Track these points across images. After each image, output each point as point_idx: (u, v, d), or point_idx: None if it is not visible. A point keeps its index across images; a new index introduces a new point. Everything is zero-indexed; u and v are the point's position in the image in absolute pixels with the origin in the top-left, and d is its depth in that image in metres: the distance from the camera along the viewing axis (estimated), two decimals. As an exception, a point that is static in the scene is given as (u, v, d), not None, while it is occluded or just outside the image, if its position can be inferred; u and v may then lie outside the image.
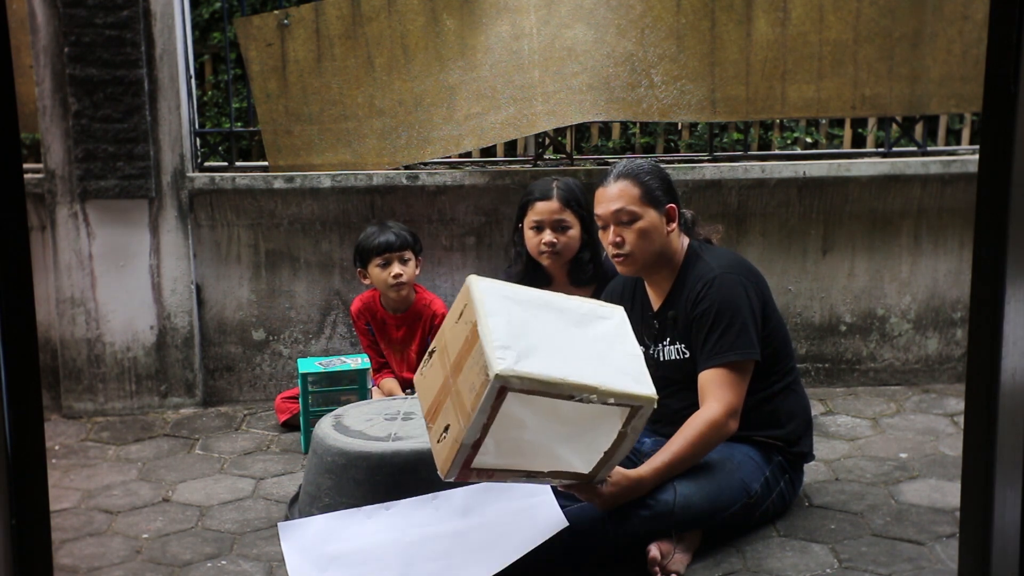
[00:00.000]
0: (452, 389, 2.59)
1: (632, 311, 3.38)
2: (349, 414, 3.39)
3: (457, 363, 2.59)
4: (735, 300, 3.12)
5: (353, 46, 4.28)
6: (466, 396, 2.53)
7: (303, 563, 2.99)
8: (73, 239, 4.26)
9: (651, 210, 3.19)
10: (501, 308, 2.58)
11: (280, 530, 3.13)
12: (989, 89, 1.76)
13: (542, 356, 2.53)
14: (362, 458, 3.12)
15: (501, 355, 2.46)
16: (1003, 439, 1.79)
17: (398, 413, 3.36)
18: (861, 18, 4.27)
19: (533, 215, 3.92)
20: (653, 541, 2.93)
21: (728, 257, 3.27)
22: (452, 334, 2.65)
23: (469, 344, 2.54)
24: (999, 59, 1.74)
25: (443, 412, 2.62)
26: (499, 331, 2.51)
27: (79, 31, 4.09)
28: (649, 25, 4.21)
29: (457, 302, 2.67)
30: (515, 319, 2.58)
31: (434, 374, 2.69)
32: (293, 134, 4.33)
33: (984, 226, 1.81)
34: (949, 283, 4.51)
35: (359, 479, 3.11)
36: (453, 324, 2.65)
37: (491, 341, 2.48)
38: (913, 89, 4.34)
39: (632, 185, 3.19)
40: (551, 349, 2.58)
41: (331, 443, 3.18)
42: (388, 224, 4.15)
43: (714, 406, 3.05)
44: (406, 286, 4.12)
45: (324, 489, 3.17)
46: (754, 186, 4.39)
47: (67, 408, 4.35)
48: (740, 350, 3.09)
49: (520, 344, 2.52)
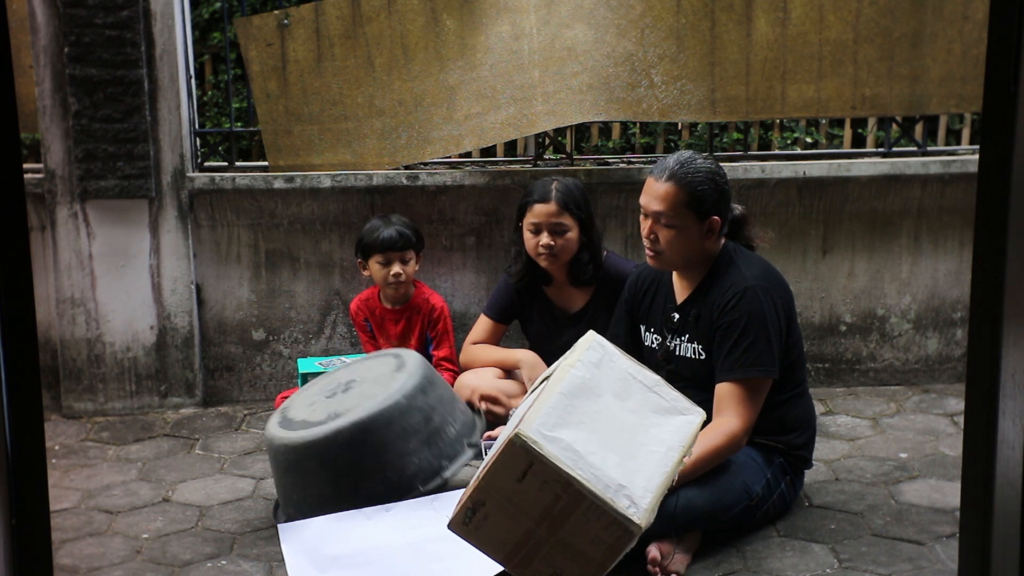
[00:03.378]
0: (549, 540, 2.61)
1: (655, 299, 3.38)
2: (295, 403, 3.35)
3: (547, 519, 2.59)
4: (764, 315, 3.10)
5: (353, 46, 4.28)
6: (588, 549, 2.59)
7: (303, 564, 2.99)
8: (73, 239, 4.26)
9: (692, 218, 3.12)
10: (574, 452, 2.59)
11: (280, 531, 3.13)
12: (989, 89, 1.76)
13: (637, 476, 2.64)
14: (308, 448, 3.08)
15: (631, 510, 2.57)
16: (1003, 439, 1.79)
17: (339, 386, 3.31)
18: (861, 18, 4.27)
19: (531, 217, 3.92)
20: (653, 542, 2.93)
21: (761, 266, 3.23)
22: (517, 492, 2.58)
23: (566, 503, 2.56)
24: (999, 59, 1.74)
25: (540, 561, 2.64)
26: (600, 482, 2.56)
27: (79, 31, 4.09)
28: (649, 25, 4.21)
29: (504, 460, 2.58)
30: (590, 444, 2.62)
31: (496, 527, 2.64)
32: (293, 134, 4.33)
33: (984, 226, 1.81)
34: (949, 283, 4.51)
35: (313, 469, 3.08)
36: (514, 483, 2.58)
37: (606, 500, 2.55)
38: (913, 89, 4.34)
39: (680, 191, 3.11)
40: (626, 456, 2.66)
41: (277, 442, 3.16)
42: (392, 219, 4.14)
43: (734, 421, 3.05)
44: (405, 284, 4.12)
45: (288, 487, 3.15)
46: (754, 186, 4.39)
47: (67, 408, 4.35)
48: (763, 367, 3.09)
49: (618, 476, 2.59)
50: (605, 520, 2.54)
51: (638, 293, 3.44)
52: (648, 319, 3.39)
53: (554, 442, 2.56)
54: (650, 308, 3.39)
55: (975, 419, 1.87)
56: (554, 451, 2.55)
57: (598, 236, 3.99)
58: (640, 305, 3.43)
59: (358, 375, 3.33)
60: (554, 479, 2.54)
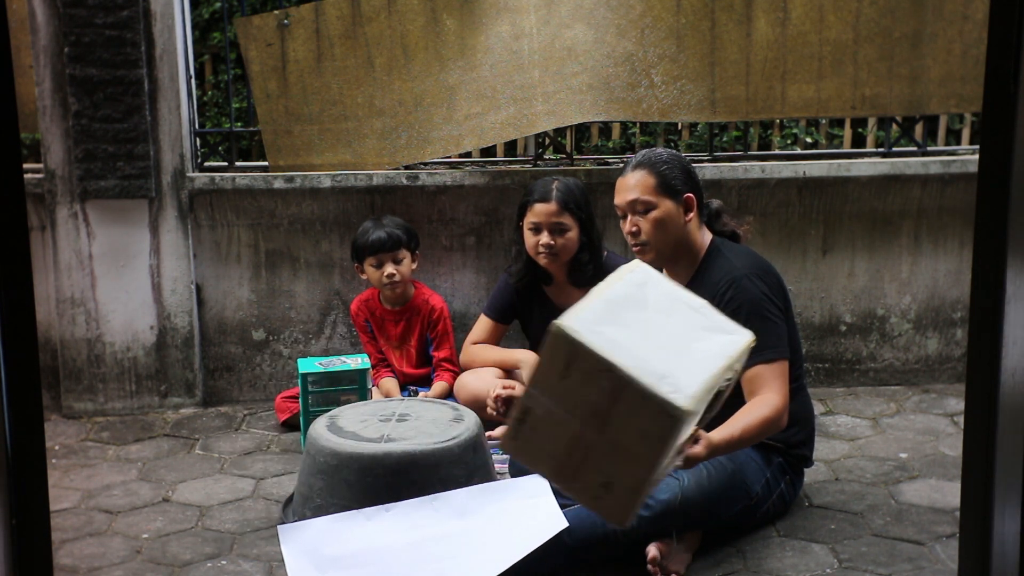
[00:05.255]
0: (597, 443, 2.47)
1: None
2: (344, 415, 3.38)
3: (594, 417, 2.45)
4: (761, 300, 3.13)
5: (353, 46, 4.28)
6: (636, 445, 2.44)
7: (303, 565, 2.99)
8: (73, 239, 4.26)
9: (667, 200, 3.19)
10: (617, 343, 2.46)
11: (280, 532, 3.13)
12: (989, 89, 1.76)
13: (680, 370, 2.47)
14: (353, 459, 3.11)
15: (671, 391, 2.39)
16: (1003, 439, 1.79)
17: (393, 414, 3.35)
18: (861, 18, 4.27)
19: (531, 216, 3.92)
20: (653, 541, 2.94)
21: (751, 257, 3.26)
22: (562, 390, 2.47)
23: (610, 394, 2.42)
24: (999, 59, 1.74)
25: (589, 469, 2.50)
26: (643, 370, 2.41)
27: (79, 31, 4.09)
28: (649, 25, 4.21)
29: (546, 356, 2.48)
30: (634, 341, 2.49)
31: (545, 436, 2.52)
32: (293, 134, 4.33)
33: (984, 226, 1.81)
34: (949, 283, 4.51)
35: (350, 480, 3.10)
36: (558, 381, 2.48)
37: (648, 384, 2.39)
38: (913, 89, 4.34)
39: (648, 175, 3.20)
40: (674, 354, 2.51)
41: (323, 443, 3.17)
42: (383, 221, 4.15)
43: (775, 398, 3.02)
44: (401, 284, 4.12)
45: (316, 490, 3.16)
46: (754, 186, 4.39)
47: (67, 408, 4.35)
48: (778, 349, 3.10)
49: (662, 367, 2.44)
50: (651, 408, 2.39)
51: None
52: None
53: (597, 334, 2.46)
54: None
55: (975, 419, 1.87)
56: (596, 341, 2.43)
57: (598, 236, 3.99)
58: None
59: (413, 411, 3.38)
60: (596, 369, 2.41)
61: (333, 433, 3.22)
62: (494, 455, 3.45)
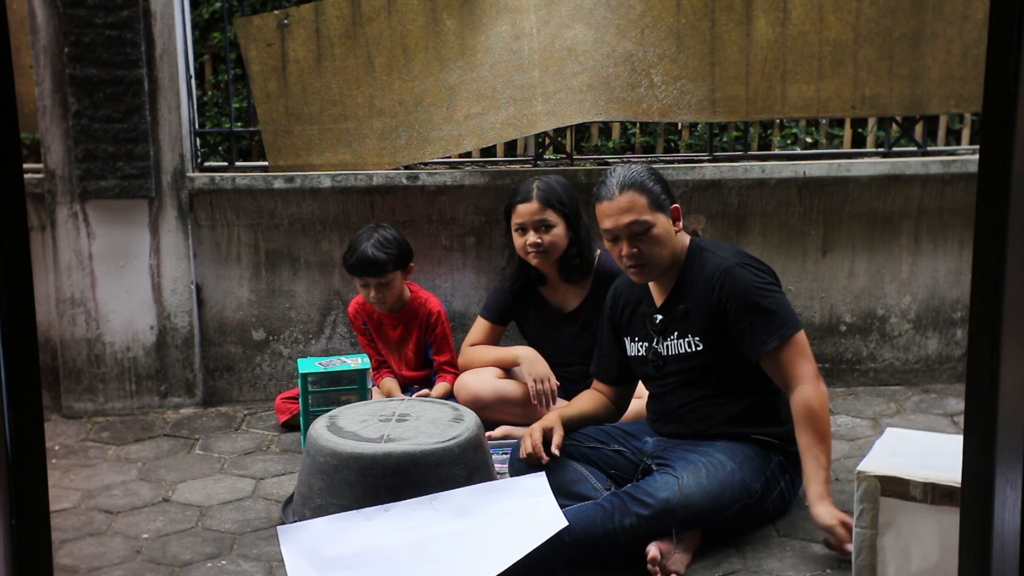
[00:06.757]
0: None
1: (635, 310, 3.38)
2: (344, 415, 3.38)
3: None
4: (756, 283, 3.14)
5: (353, 46, 4.28)
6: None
7: (303, 566, 2.98)
8: (73, 239, 4.26)
9: (660, 215, 3.18)
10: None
11: (279, 533, 3.13)
12: (989, 89, 1.76)
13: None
14: (353, 459, 3.11)
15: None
16: (1003, 439, 1.79)
17: (393, 414, 3.36)
18: (861, 18, 4.27)
19: (516, 218, 3.93)
20: (653, 541, 2.93)
21: (734, 249, 3.30)
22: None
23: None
24: (999, 59, 1.74)
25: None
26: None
27: (79, 31, 4.09)
28: (649, 25, 4.21)
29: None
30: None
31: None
32: (293, 134, 4.33)
33: (984, 226, 1.80)
34: (949, 283, 4.51)
35: (350, 480, 3.10)
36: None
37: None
38: (913, 89, 4.34)
39: (638, 194, 3.15)
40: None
41: (323, 443, 3.17)
42: (375, 235, 4.06)
43: (805, 385, 3.06)
44: (388, 302, 4.12)
45: (316, 490, 3.16)
46: (754, 186, 4.39)
47: (67, 408, 4.35)
48: (790, 321, 3.11)
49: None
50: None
51: (616, 308, 3.45)
52: (630, 330, 3.40)
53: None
54: (631, 319, 3.39)
55: (975, 419, 1.87)
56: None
57: (586, 230, 3.97)
58: (621, 319, 3.43)
59: (413, 411, 3.38)
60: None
61: (333, 433, 3.22)
62: (494, 455, 3.45)
